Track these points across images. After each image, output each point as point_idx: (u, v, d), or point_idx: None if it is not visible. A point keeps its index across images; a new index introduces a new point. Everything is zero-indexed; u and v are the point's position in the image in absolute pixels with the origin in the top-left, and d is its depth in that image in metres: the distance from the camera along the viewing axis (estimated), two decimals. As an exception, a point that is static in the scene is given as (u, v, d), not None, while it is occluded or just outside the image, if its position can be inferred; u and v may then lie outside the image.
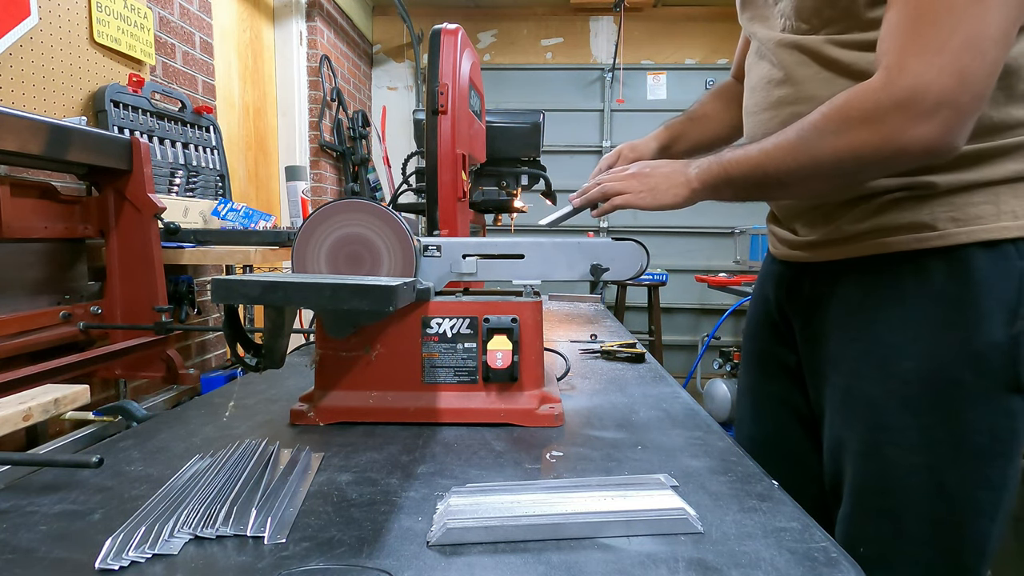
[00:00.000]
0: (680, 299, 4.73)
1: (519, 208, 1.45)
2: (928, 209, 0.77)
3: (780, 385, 1.01)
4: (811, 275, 0.91)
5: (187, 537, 0.52)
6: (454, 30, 1.06)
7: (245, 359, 0.78)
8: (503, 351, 0.83)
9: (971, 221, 0.75)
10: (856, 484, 0.83)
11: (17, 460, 0.70)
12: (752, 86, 0.94)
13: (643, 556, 0.50)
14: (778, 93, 0.87)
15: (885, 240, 0.80)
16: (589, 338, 1.50)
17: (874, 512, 0.81)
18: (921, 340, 0.77)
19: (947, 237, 0.76)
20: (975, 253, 0.75)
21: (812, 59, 0.81)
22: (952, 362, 0.76)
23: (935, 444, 0.77)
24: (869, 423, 0.81)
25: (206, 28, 2.42)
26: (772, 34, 0.87)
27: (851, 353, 0.84)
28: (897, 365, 0.79)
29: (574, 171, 4.72)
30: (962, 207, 0.75)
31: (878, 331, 0.81)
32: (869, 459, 0.81)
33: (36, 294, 1.46)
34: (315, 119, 3.62)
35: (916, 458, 0.78)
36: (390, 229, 0.85)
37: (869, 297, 0.82)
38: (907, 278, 0.79)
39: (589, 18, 4.67)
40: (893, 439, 0.79)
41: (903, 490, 0.79)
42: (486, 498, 0.57)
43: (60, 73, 1.67)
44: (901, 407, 0.78)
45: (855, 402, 0.83)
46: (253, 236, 1.78)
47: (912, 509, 0.79)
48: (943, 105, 0.65)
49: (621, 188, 0.92)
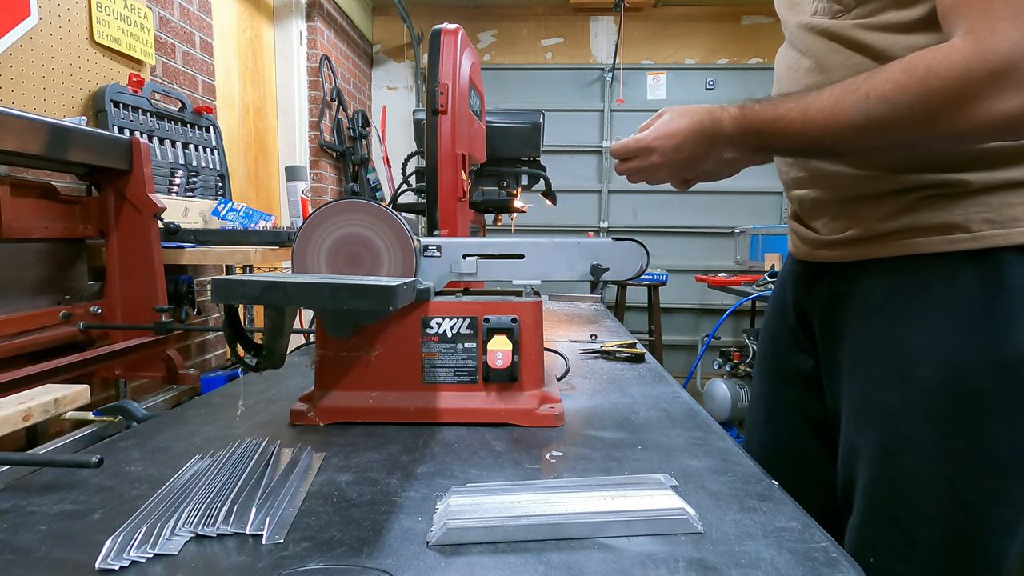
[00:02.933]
0: (680, 299, 4.73)
1: (519, 208, 1.45)
2: (961, 209, 0.72)
3: (796, 391, 0.97)
4: (832, 275, 0.87)
5: (188, 536, 0.52)
6: (454, 30, 1.06)
7: (245, 359, 0.78)
8: (503, 351, 0.83)
9: (1007, 223, 0.71)
10: (869, 492, 0.80)
11: (17, 460, 0.70)
12: (780, 76, 0.91)
13: (643, 556, 0.50)
14: (807, 81, 0.83)
15: (913, 240, 0.76)
16: (589, 338, 1.50)
17: (886, 521, 0.78)
18: (945, 347, 0.74)
19: (980, 239, 0.72)
20: (1010, 257, 0.71)
21: (843, 45, 0.77)
22: (976, 371, 0.72)
23: (954, 456, 0.74)
24: (885, 430, 0.78)
25: (206, 28, 2.42)
26: (802, 19, 0.83)
27: (870, 357, 0.81)
28: (918, 371, 0.75)
29: (574, 171, 4.72)
30: (998, 208, 0.71)
31: (900, 335, 0.77)
32: (884, 467, 0.78)
33: (36, 294, 1.46)
34: (315, 119, 3.62)
35: (933, 469, 0.75)
36: (390, 229, 0.85)
37: (892, 300, 0.78)
38: (934, 281, 0.75)
39: (589, 18, 4.67)
40: (910, 448, 0.76)
41: (918, 500, 0.76)
42: (486, 498, 0.57)
43: (60, 73, 1.67)
44: (920, 415, 0.75)
45: (872, 408, 0.80)
46: (253, 236, 1.78)
47: (926, 520, 0.75)
48: None
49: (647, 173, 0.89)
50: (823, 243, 0.88)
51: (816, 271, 0.91)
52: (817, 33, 0.81)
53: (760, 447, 1.03)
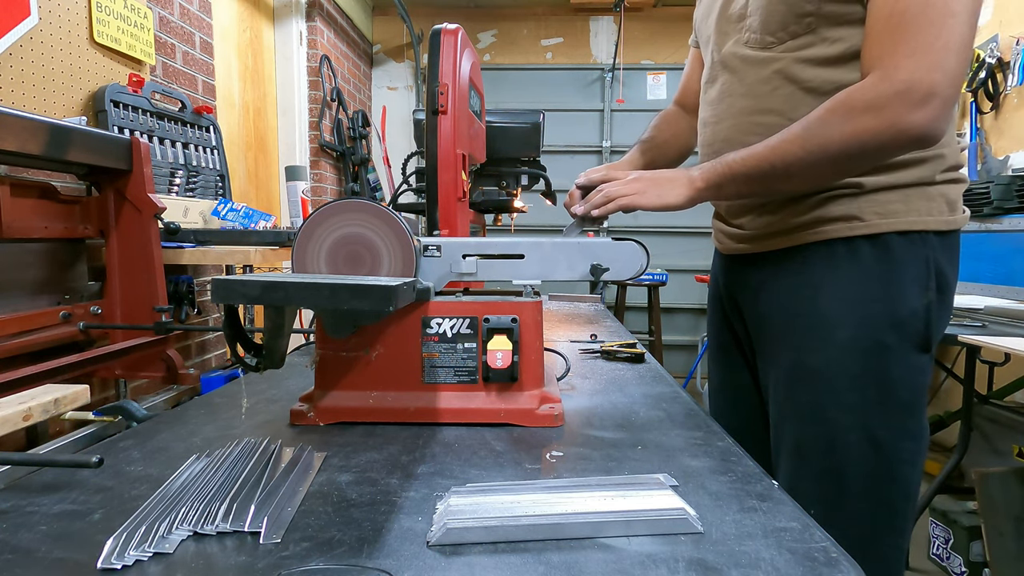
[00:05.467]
0: (680, 299, 4.73)
1: (519, 208, 1.45)
2: (857, 204, 0.91)
3: (746, 375, 1.12)
4: (757, 264, 1.03)
5: (187, 533, 0.52)
6: (454, 30, 1.06)
7: (245, 359, 0.78)
8: (503, 351, 0.83)
9: (889, 215, 0.90)
10: (803, 448, 0.93)
11: (17, 460, 0.70)
12: (711, 99, 1.04)
13: (643, 556, 0.50)
14: (740, 104, 0.97)
15: (823, 229, 0.93)
16: (589, 338, 1.50)
17: (820, 472, 0.91)
18: (855, 311, 0.90)
19: (872, 226, 0.90)
20: (894, 239, 0.89)
21: (775, 74, 0.92)
22: (880, 328, 0.89)
23: (868, 403, 0.89)
24: (814, 389, 0.92)
25: (206, 28, 2.42)
26: (736, 49, 0.97)
27: (797, 328, 0.95)
28: (835, 334, 0.91)
29: (574, 171, 4.68)
30: (883, 203, 0.90)
31: (819, 305, 0.93)
32: (813, 423, 0.92)
33: (36, 294, 1.46)
34: (315, 119, 3.62)
35: (854, 417, 0.89)
36: (390, 229, 0.85)
37: (811, 277, 0.94)
38: (841, 260, 0.92)
39: (589, 18, 4.67)
40: (835, 402, 0.90)
41: (844, 448, 0.90)
42: (486, 498, 0.57)
43: (60, 73, 1.67)
44: (841, 372, 0.90)
45: (802, 371, 0.94)
46: (253, 236, 1.78)
47: (852, 466, 0.89)
48: (933, 95, 0.76)
49: (625, 191, 0.96)
50: (747, 237, 1.03)
51: (742, 261, 1.07)
52: (751, 62, 0.95)
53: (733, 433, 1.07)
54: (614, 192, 0.96)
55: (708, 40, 1.06)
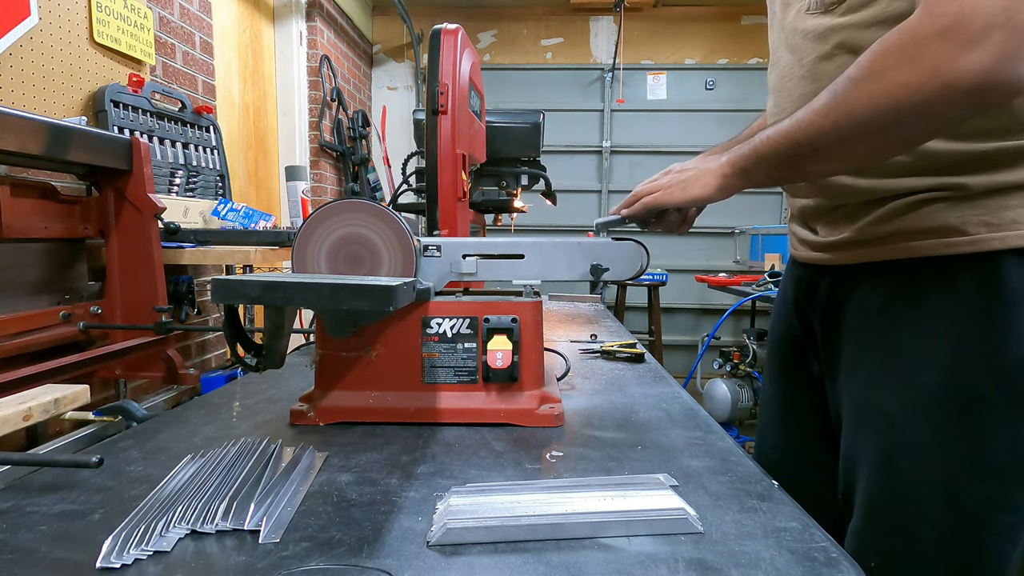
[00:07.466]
0: (680, 299, 4.73)
1: (519, 208, 1.45)
2: (958, 212, 0.71)
3: (806, 394, 0.96)
4: (831, 278, 0.87)
5: (185, 532, 0.52)
6: (454, 30, 1.06)
7: (245, 359, 0.78)
8: (503, 351, 0.83)
9: (1005, 226, 0.69)
10: (870, 497, 0.79)
11: (17, 460, 0.70)
12: (772, 86, 0.91)
13: (643, 556, 0.50)
14: (800, 89, 0.83)
15: (910, 244, 0.75)
16: (589, 338, 1.50)
17: (886, 527, 0.77)
18: (943, 352, 0.73)
19: (978, 243, 0.70)
20: (1008, 261, 0.69)
21: (838, 48, 0.76)
22: (975, 376, 0.71)
23: (953, 461, 0.73)
24: (884, 435, 0.77)
25: (206, 28, 2.42)
26: (798, 22, 0.82)
27: (868, 361, 0.80)
28: (916, 377, 0.75)
29: (574, 171, 4.72)
30: (996, 211, 0.69)
31: (898, 340, 0.77)
32: (883, 472, 0.78)
33: (36, 294, 1.46)
34: (315, 119, 3.62)
35: (933, 474, 0.74)
36: (390, 229, 0.85)
37: (890, 304, 0.78)
38: (931, 285, 0.74)
39: (589, 18, 4.67)
40: (909, 453, 0.75)
41: (918, 506, 0.75)
42: (486, 498, 0.57)
43: (60, 73, 1.67)
44: (918, 420, 0.74)
45: (871, 412, 0.79)
46: (253, 236, 1.78)
47: (927, 525, 0.74)
48: (994, 26, 0.54)
49: (652, 188, 0.91)
50: (821, 245, 0.87)
51: (816, 273, 0.91)
52: (812, 39, 0.80)
53: (772, 449, 1.02)
54: (642, 191, 0.91)
55: (773, 17, 0.90)
